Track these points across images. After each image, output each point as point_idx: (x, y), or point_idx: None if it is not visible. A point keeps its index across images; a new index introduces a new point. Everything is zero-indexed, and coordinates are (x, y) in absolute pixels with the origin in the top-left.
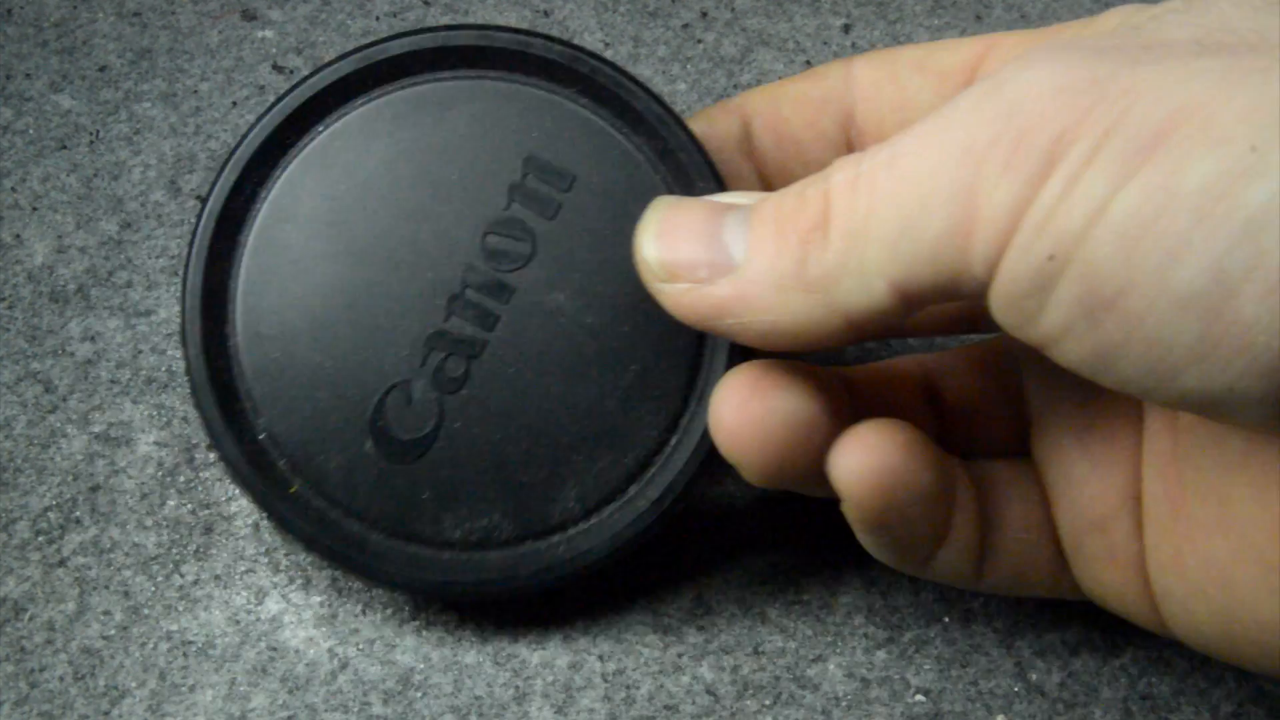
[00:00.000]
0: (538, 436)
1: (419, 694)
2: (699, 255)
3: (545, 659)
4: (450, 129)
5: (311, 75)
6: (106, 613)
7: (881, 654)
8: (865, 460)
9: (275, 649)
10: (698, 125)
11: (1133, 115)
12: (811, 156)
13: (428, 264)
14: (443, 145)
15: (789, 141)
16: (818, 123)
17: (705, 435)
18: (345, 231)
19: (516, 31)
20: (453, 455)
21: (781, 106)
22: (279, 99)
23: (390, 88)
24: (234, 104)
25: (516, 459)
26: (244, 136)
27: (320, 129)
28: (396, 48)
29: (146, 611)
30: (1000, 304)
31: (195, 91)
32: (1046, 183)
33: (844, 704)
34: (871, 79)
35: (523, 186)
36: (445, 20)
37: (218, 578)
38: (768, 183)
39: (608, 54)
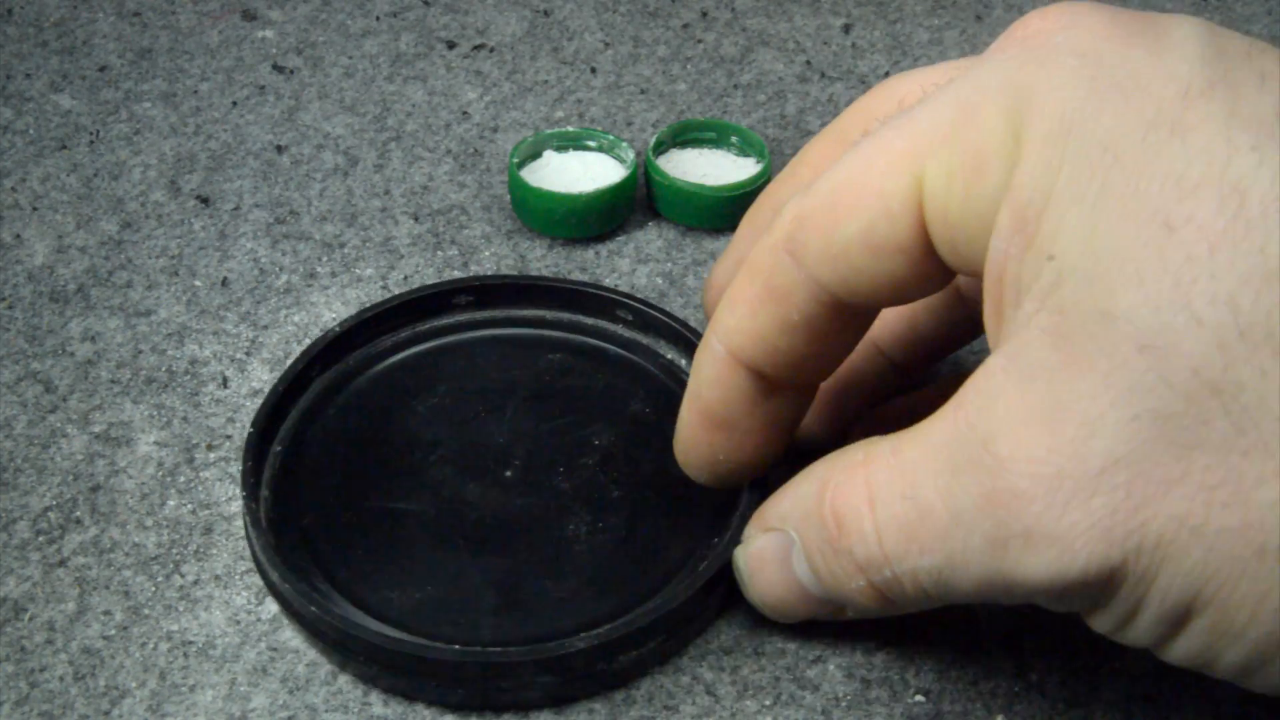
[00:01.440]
0: None
1: None
2: (811, 595)
3: None
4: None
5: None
6: (106, 613)
7: (881, 654)
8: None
9: (275, 649)
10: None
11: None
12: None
13: None
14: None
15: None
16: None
17: None
18: None
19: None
20: None
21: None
22: None
23: None
24: (234, 104)
25: None
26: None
27: None
28: None
29: (146, 611)
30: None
31: (195, 91)
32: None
33: (844, 704)
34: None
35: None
36: (444, 20)
37: (218, 578)
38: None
39: (608, 54)
